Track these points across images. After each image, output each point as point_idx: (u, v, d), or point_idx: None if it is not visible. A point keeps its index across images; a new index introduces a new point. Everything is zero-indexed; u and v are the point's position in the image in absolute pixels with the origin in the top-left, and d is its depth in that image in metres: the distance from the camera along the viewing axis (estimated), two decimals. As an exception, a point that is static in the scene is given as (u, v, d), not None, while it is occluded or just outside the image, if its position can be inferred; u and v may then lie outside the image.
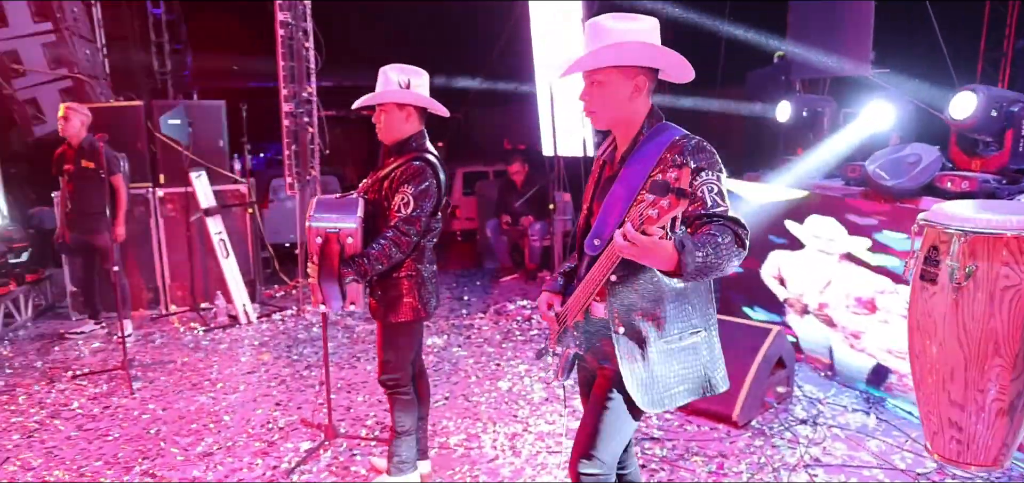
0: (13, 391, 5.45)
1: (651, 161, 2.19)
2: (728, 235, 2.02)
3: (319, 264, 3.33)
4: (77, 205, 6.43)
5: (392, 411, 3.68)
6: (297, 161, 7.47)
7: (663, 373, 2.30)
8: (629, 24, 2.24)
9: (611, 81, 2.28)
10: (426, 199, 3.36)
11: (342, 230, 3.35)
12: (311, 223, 3.38)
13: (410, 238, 3.32)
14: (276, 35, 7.40)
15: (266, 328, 6.85)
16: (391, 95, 3.42)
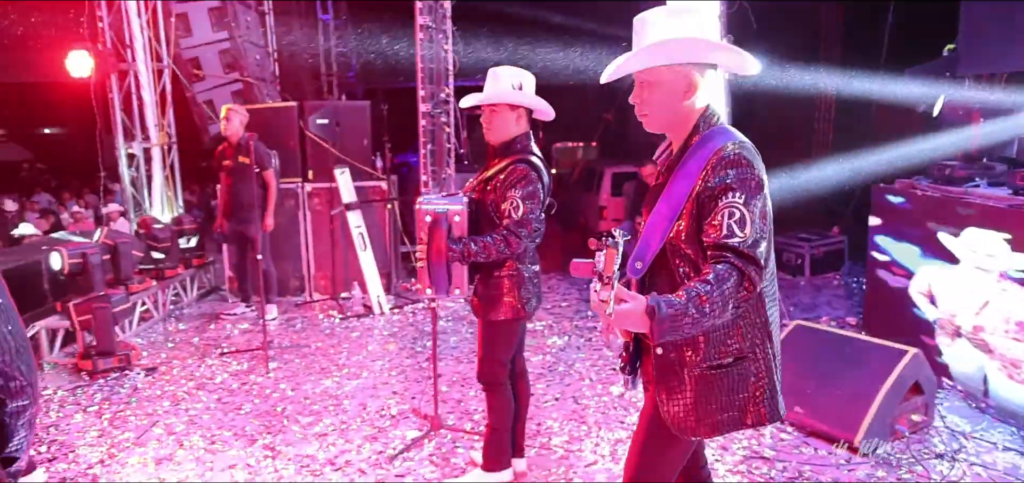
0: (170, 363, 6.02)
1: (695, 175, 2.05)
2: (731, 279, 1.90)
3: (427, 242, 3.41)
4: (234, 198, 6.99)
5: (488, 406, 3.72)
6: (433, 160, 7.72)
7: (704, 399, 2.12)
8: (681, 18, 2.10)
9: (662, 81, 2.14)
10: (534, 201, 3.39)
11: (450, 210, 3.43)
12: (420, 205, 3.49)
13: (521, 240, 3.35)
14: (416, 38, 7.70)
15: (397, 319, 7.14)
16: (505, 96, 3.46)
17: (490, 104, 3.50)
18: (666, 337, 1.89)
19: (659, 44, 2.10)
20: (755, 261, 1.94)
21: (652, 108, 2.19)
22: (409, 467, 4.13)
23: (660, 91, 2.16)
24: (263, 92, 9.76)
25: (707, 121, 2.16)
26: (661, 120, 2.21)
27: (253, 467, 4.19)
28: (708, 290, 1.89)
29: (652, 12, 2.14)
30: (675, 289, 2.04)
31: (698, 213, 2.05)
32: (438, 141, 7.85)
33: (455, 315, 7.11)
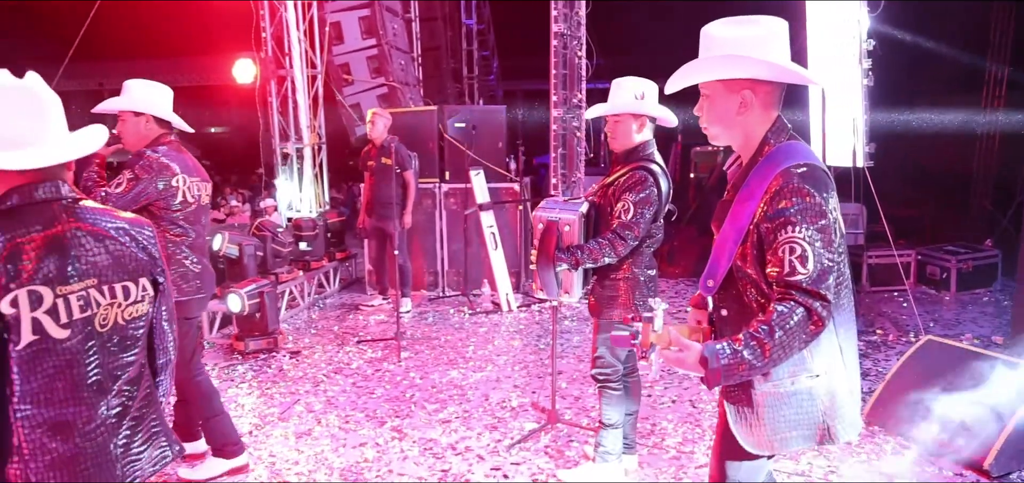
0: (312, 348, 6.48)
1: (757, 197, 2.01)
2: (796, 316, 1.88)
3: (538, 249, 3.58)
4: (376, 196, 7.41)
5: (600, 404, 3.81)
6: (563, 164, 7.86)
7: (771, 417, 2.09)
8: (740, 31, 2.06)
9: (715, 94, 2.12)
10: (646, 206, 3.47)
11: (561, 220, 3.58)
12: (536, 213, 3.66)
13: (626, 242, 3.44)
14: (550, 45, 7.87)
15: (523, 317, 7.32)
16: (627, 106, 3.57)
17: (613, 114, 3.61)
18: (723, 383, 1.92)
19: (711, 58, 2.09)
20: (821, 296, 1.91)
21: (710, 121, 2.17)
22: (525, 456, 4.28)
23: (715, 105, 2.13)
24: (406, 96, 10.25)
25: (776, 137, 2.10)
26: (720, 134, 2.18)
27: (381, 446, 4.48)
28: (767, 333, 1.89)
29: (715, 24, 2.11)
30: (743, 306, 2.07)
31: (760, 240, 2.02)
32: (569, 145, 7.98)
33: (580, 315, 7.21)
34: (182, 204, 3.74)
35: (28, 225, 1.76)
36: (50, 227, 1.80)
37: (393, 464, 4.24)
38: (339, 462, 4.28)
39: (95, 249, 1.88)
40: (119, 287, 1.93)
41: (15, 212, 1.76)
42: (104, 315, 1.89)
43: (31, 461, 1.79)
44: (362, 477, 4.10)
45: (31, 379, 1.76)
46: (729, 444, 2.22)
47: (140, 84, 3.69)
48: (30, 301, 1.73)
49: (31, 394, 1.77)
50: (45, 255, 1.77)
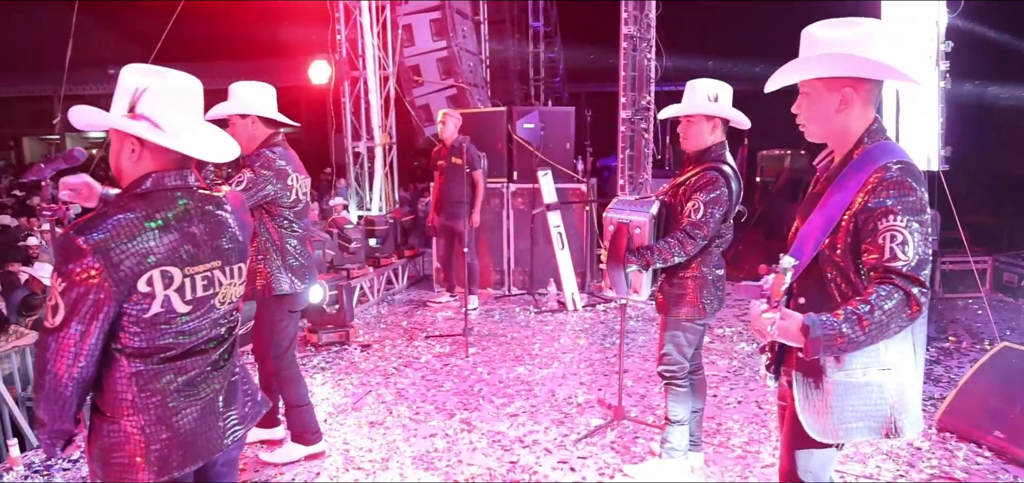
0: (383, 342, 6.67)
1: (854, 188, 2.07)
2: (895, 299, 1.91)
3: (609, 249, 3.66)
4: (445, 195, 7.57)
5: (667, 400, 3.86)
6: (631, 165, 7.89)
7: (839, 405, 2.13)
8: (840, 32, 2.12)
9: (815, 93, 2.18)
10: (716, 206, 3.51)
11: (632, 222, 3.64)
12: (607, 213, 3.73)
13: (696, 242, 3.49)
14: (619, 47, 7.91)
15: (588, 316, 7.39)
16: (701, 107, 3.62)
17: (686, 115, 3.66)
18: (819, 354, 1.96)
19: (811, 57, 2.15)
20: (920, 283, 1.95)
21: (808, 119, 2.23)
22: (591, 451, 4.35)
23: (815, 103, 2.20)
24: (475, 97, 10.42)
25: (872, 136, 2.15)
26: (817, 131, 2.24)
27: (451, 437, 4.61)
28: (867, 311, 1.93)
29: (816, 26, 2.18)
30: (825, 295, 2.11)
31: (856, 230, 2.07)
32: (637, 147, 8.01)
33: (645, 316, 7.24)
34: (294, 202, 3.90)
35: (161, 209, 1.96)
36: (180, 211, 2.00)
37: (463, 455, 4.36)
38: (410, 451, 4.42)
39: (217, 233, 2.10)
40: (235, 268, 2.16)
41: (149, 196, 1.97)
42: (223, 293, 2.11)
43: (140, 415, 1.99)
44: (433, 466, 4.23)
45: (153, 345, 1.97)
46: (798, 434, 2.26)
47: (244, 86, 3.84)
48: (163, 280, 1.93)
49: (150, 358, 1.98)
50: (176, 237, 1.97)
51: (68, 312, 1.85)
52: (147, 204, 1.95)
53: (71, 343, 1.87)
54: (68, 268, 1.83)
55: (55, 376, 1.90)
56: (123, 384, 1.98)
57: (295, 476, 4.14)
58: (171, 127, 1.99)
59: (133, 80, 1.99)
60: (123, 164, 2.02)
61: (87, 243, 1.83)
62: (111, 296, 1.87)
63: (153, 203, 1.96)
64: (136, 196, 1.96)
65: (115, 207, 1.92)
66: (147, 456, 2.00)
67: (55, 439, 2.04)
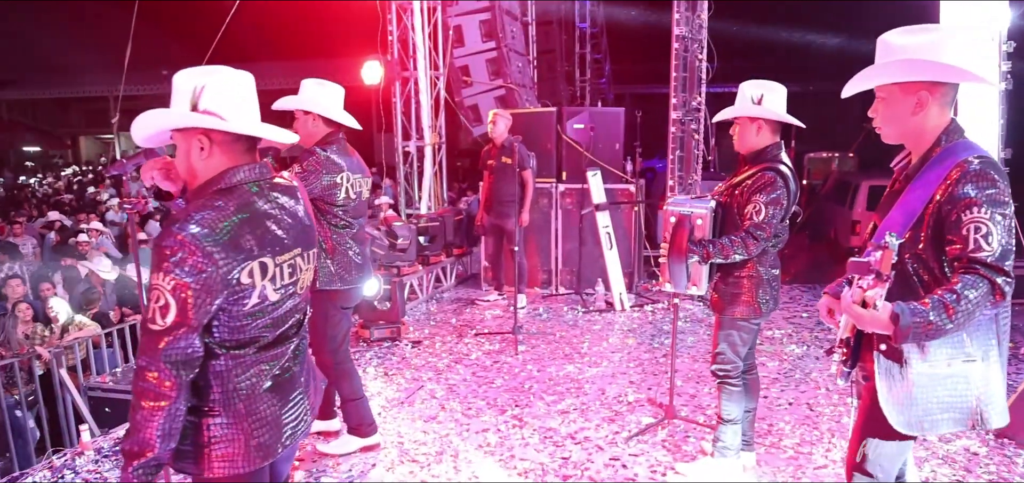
0: (433, 339, 6.78)
1: (935, 183, 2.12)
2: (980, 288, 1.95)
3: (669, 242, 3.68)
4: (494, 194, 7.64)
5: (719, 399, 3.88)
6: (681, 166, 7.88)
7: (924, 397, 2.17)
8: (916, 38, 2.18)
9: (892, 97, 2.24)
10: (776, 207, 3.53)
11: (693, 213, 3.67)
12: (667, 207, 3.77)
13: (759, 242, 3.51)
14: (670, 48, 7.90)
15: (636, 317, 7.40)
16: (743, 109, 3.64)
17: (734, 117, 3.69)
18: (907, 341, 2.01)
19: (887, 64, 2.20)
20: (1004, 272, 1.99)
21: (885, 121, 2.30)
22: (642, 448, 4.39)
23: (892, 106, 2.26)
24: (523, 97, 10.49)
25: (949, 135, 2.20)
26: (894, 133, 2.31)
27: (503, 432, 4.67)
28: (954, 300, 1.96)
29: (891, 32, 2.24)
30: (907, 287, 2.14)
31: (938, 223, 2.11)
32: (687, 148, 8.00)
33: (693, 317, 7.22)
34: (346, 200, 3.99)
35: (247, 201, 2.03)
36: (264, 203, 2.07)
37: (515, 449, 4.43)
38: (463, 445, 4.50)
39: (293, 222, 2.17)
40: (310, 254, 2.24)
41: (231, 190, 2.03)
42: (303, 280, 2.19)
43: (237, 406, 2.06)
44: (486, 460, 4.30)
45: (250, 333, 2.04)
46: (874, 426, 2.29)
47: (312, 84, 3.94)
48: (261, 270, 2.01)
49: (247, 348, 2.05)
50: (265, 228, 2.04)
51: (179, 310, 1.87)
52: (233, 198, 2.00)
53: (184, 341, 1.89)
54: (172, 264, 1.86)
55: (168, 381, 1.88)
56: (221, 378, 2.03)
57: (351, 467, 4.24)
58: (233, 118, 2.04)
59: (190, 81, 2.02)
60: (195, 163, 2.05)
61: (191, 239, 1.86)
62: (217, 290, 1.91)
63: (238, 196, 2.01)
64: (220, 192, 2.00)
65: (205, 204, 1.96)
66: (247, 446, 2.07)
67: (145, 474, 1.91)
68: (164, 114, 2.06)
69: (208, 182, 2.04)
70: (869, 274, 1.97)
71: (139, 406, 1.89)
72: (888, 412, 2.22)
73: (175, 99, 2.04)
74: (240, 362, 2.05)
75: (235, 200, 2.00)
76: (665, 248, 3.72)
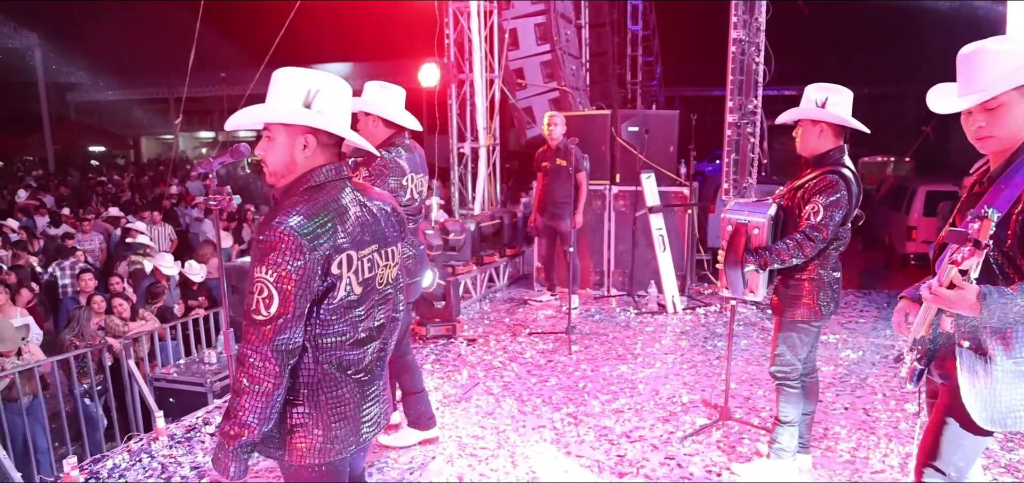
0: (487, 337, 6.90)
1: (1020, 186, 2.14)
2: None
3: (726, 250, 3.73)
4: (549, 196, 7.72)
5: (777, 401, 3.90)
6: (735, 169, 7.86)
7: (1007, 393, 2.21)
8: (1012, 44, 2.17)
9: (1009, 102, 2.19)
10: (836, 209, 3.54)
11: (750, 222, 3.71)
12: (725, 214, 3.82)
13: (815, 244, 3.53)
14: (727, 51, 7.89)
15: (689, 319, 7.41)
16: (806, 112, 3.66)
17: (796, 120, 3.72)
18: (992, 324, 2.08)
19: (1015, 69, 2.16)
20: None
21: (1000, 129, 2.23)
22: (697, 449, 4.43)
23: (1008, 111, 2.20)
24: (576, 100, 10.55)
25: None
26: (1006, 138, 2.24)
27: (559, 430, 4.76)
28: None
29: (984, 44, 2.21)
30: (991, 281, 2.16)
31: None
32: (742, 151, 7.98)
33: (746, 320, 7.21)
34: (409, 200, 4.09)
35: (334, 197, 2.15)
36: (346, 199, 2.19)
37: (571, 446, 4.51)
38: (520, 441, 4.60)
39: (372, 219, 2.28)
40: (388, 251, 2.34)
41: (324, 186, 2.16)
42: (381, 275, 2.29)
43: (321, 397, 2.18)
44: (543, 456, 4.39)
45: (336, 326, 2.16)
46: (951, 423, 2.33)
47: (374, 86, 4.04)
48: (347, 263, 2.13)
49: (332, 340, 2.16)
50: (350, 223, 2.15)
51: (282, 300, 1.99)
52: (326, 194, 2.14)
53: (286, 330, 2.01)
54: (274, 257, 1.99)
55: (269, 368, 2.00)
56: (308, 370, 2.16)
57: (412, 459, 4.37)
58: (338, 122, 2.19)
59: (304, 82, 2.15)
60: (296, 157, 2.16)
61: (290, 231, 1.99)
62: (313, 280, 2.04)
63: (330, 193, 2.15)
64: (314, 188, 2.14)
65: (302, 199, 2.09)
66: (326, 437, 2.19)
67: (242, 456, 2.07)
68: (277, 109, 2.15)
69: (300, 178, 2.17)
70: (967, 243, 1.99)
71: (241, 391, 2.03)
72: (971, 407, 2.26)
73: (282, 96, 2.15)
74: (327, 356, 2.16)
75: (325, 196, 2.13)
76: (722, 255, 3.78)
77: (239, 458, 2.08)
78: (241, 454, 2.08)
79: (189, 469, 4.35)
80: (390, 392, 2.53)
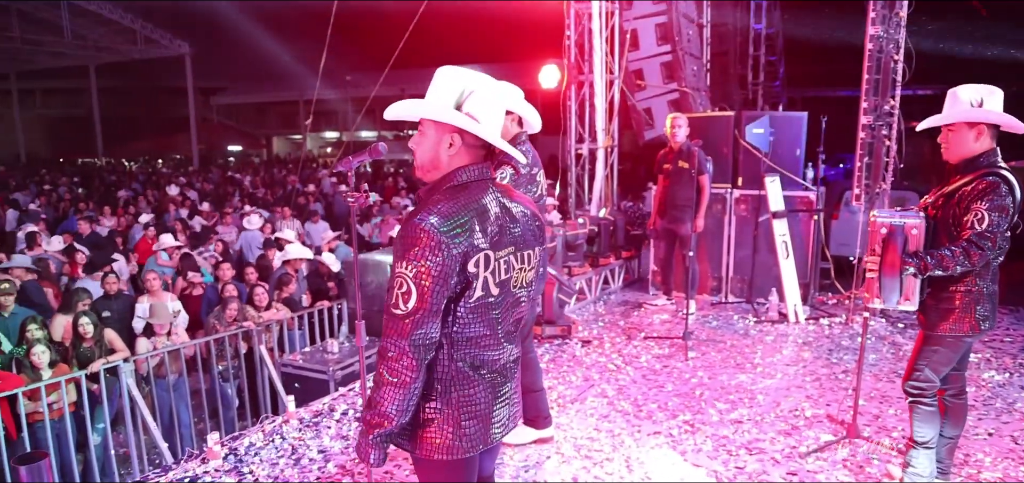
0: (601, 338, 6.87)
1: None
2: None
3: (881, 254, 3.55)
4: (669, 198, 7.60)
5: (911, 420, 3.69)
6: (868, 174, 7.49)
7: None
8: None
9: None
10: (1002, 215, 3.31)
11: (907, 223, 3.53)
12: (876, 217, 3.63)
13: (983, 253, 3.30)
14: (864, 48, 7.53)
15: (812, 330, 7.11)
16: (961, 115, 3.44)
17: (948, 125, 3.48)
18: None
19: None
20: None
21: None
22: (821, 465, 4.25)
23: None
24: (697, 101, 10.34)
25: None
26: None
27: (675, 437, 4.69)
28: None
29: None
30: None
31: None
32: (876, 154, 7.58)
33: (875, 333, 6.85)
34: (539, 196, 4.16)
35: (476, 198, 2.20)
36: (488, 201, 2.23)
37: (688, 455, 4.43)
38: (635, 445, 4.55)
39: (511, 222, 2.30)
40: (526, 254, 2.35)
41: (467, 187, 2.22)
42: (517, 277, 2.32)
43: (454, 394, 2.23)
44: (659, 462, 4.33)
45: (472, 326, 2.20)
46: None
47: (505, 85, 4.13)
48: (484, 263, 2.17)
49: (467, 338, 2.21)
50: (489, 224, 2.19)
51: (420, 296, 2.05)
52: (467, 194, 2.18)
53: (424, 325, 2.08)
54: (415, 253, 2.06)
55: (406, 362, 2.07)
56: (442, 367, 2.21)
57: (527, 457, 4.42)
58: (487, 125, 2.22)
59: (459, 82, 2.21)
60: (441, 155, 2.23)
61: (431, 228, 2.05)
62: (451, 277, 2.09)
63: (471, 193, 2.20)
64: (457, 187, 2.20)
65: (444, 197, 2.15)
66: (456, 434, 2.24)
67: (381, 444, 2.17)
68: (427, 105, 2.21)
69: (445, 177, 2.23)
70: None
71: (382, 383, 2.12)
72: None
73: (438, 93, 2.22)
74: (461, 354, 2.21)
75: (466, 196, 2.18)
76: (874, 262, 3.59)
77: (379, 446, 2.18)
78: (381, 443, 2.17)
79: (316, 452, 4.56)
80: (520, 395, 2.54)
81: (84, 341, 6.22)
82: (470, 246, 2.11)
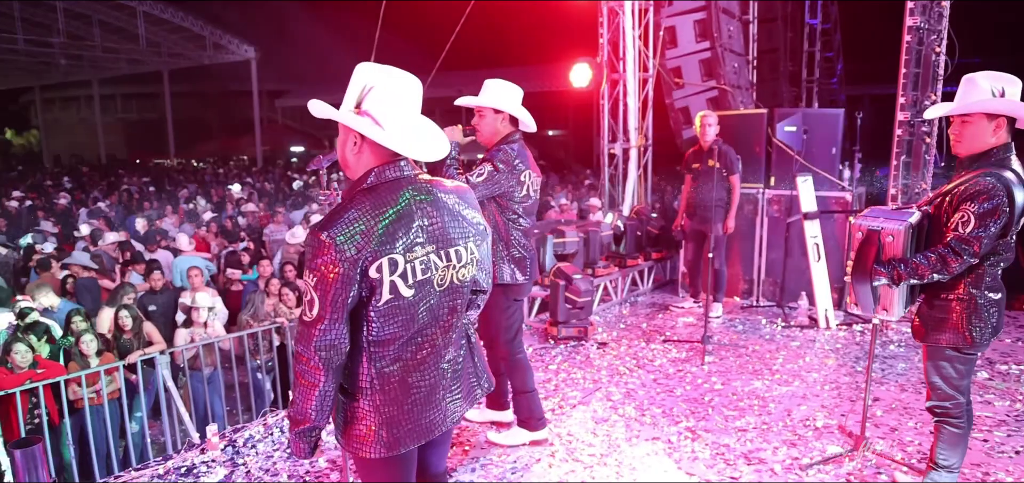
0: (619, 341, 6.70)
1: None
2: None
3: (854, 260, 3.36)
4: (698, 198, 7.37)
5: (936, 441, 3.46)
6: (906, 173, 7.12)
7: None
8: None
9: None
10: (991, 219, 3.06)
11: (884, 229, 3.31)
12: (857, 219, 3.44)
13: (962, 259, 3.08)
14: (902, 40, 7.19)
15: (842, 336, 6.77)
16: (982, 105, 3.18)
17: (962, 115, 3.23)
18: None
19: None
20: None
21: None
22: (822, 479, 4.02)
23: None
24: (738, 99, 10.03)
25: None
26: None
27: (673, 443, 4.52)
28: None
29: None
30: None
31: None
32: (915, 152, 7.21)
33: (907, 341, 6.47)
34: (524, 197, 4.07)
35: (385, 200, 2.14)
36: (400, 201, 2.16)
37: (683, 463, 4.26)
38: (630, 451, 4.41)
39: (435, 218, 2.22)
40: (453, 251, 2.27)
41: (374, 190, 2.16)
42: (442, 276, 2.24)
43: (376, 394, 2.21)
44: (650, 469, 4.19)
45: (387, 328, 2.16)
46: None
47: (498, 83, 4.03)
48: (390, 267, 2.11)
49: (383, 341, 2.17)
50: (398, 226, 2.13)
51: (321, 304, 2.06)
52: (373, 197, 2.13)
53: (329, 332, 2.08)
54: (316, 262, 2.06)
55: (314, 365, 2.10)
56: (362, 367, 2.20)
57: (516, 459, 4.32)
58: (390, 124, 2.15)
59: (363, 78, 2.17)
60: (347, 155, 2.22)
61: (329, 238, 2.04)
62: (351, 286, 2.06)
63: (378, 195, 2.14)
64: (363, 191, 2.15)
65: (347, 203, 2.12)
66: (379, 432, 2.22)
67: (305, 439, 2.24)
68: (330, 108, 2.21)
69: (357, 181, 2.20)
70: None
71: (297, 384, 2.17)
72: None
73: (349, 90, 2.20)
74: (379, 354, 2.19)
75: (375, 199, 2.13)
76: (850, 266, 3.40)
77: (303, 439, 2.24)
78: (304, 437, 2.23)
79: (309, 447, 4.56)
80: (471, 388, 2.49)
81: (124, 333, 6.46)
82: (371, 252, 2.07)
